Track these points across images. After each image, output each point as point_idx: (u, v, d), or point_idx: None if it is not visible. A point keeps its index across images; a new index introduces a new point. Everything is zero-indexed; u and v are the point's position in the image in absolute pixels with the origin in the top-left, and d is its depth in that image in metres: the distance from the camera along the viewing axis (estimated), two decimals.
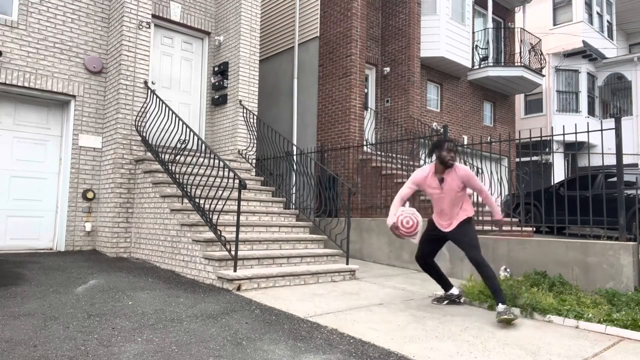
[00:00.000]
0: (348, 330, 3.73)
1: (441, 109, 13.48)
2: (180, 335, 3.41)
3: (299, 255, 6.16)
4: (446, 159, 4.42)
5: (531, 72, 14.56)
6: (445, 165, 4.45)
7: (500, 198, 7.53)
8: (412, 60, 11.65)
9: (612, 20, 19.89)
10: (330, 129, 10.52)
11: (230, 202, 5.97)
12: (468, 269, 6.65)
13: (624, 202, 5.69)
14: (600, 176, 9.72)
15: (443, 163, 4.45)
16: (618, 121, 5.79)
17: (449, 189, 4.49)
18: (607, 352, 3.53)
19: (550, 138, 14.92)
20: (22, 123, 7.35)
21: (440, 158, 4.45)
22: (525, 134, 11.68)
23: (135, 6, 7.49)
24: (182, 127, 6.72)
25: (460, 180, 4.47)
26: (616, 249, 5.44)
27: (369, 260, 7.98)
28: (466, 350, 3.39)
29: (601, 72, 19.13)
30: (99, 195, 7.60)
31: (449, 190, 4.49)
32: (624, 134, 5.99)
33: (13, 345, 3.07)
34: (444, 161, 4.43)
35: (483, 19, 14.77)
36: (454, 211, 4.56)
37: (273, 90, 11.75)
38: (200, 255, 5.57)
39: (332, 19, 10.75)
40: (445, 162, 4.43)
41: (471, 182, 4.51)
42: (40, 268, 5.72)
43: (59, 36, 7.46)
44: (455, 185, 4.47)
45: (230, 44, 8.82)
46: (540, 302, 4.60)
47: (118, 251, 7.04)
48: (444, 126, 7.97)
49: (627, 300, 4.65)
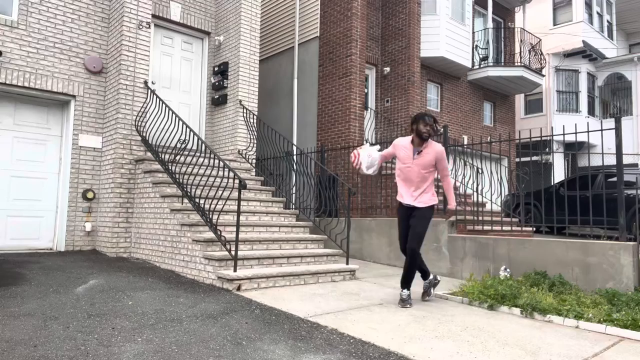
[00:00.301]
0: (348, 330, 3.73)
1: (441, 109, 13.48)
2: (180, 335, 3.41)
3: (299, 255, 6.16)
4: (422, 131, 4.66)
5: (531, 72, 14.57)
6: (421, 137, 4.69)
7: (500, 198, 7.53)
8: (412, 60, 11.65)
9: (612, 20, 19.89)
10: (330, 129, 10.52)
11: (230, 202, 5.96)
12: (468, 269, 6.66)
13: (624, 202, 5.69)
14: (600, 176, 9.73)
15: (419, 135, 4.69)
16: (618, 121, 5.79)
17: (421, 162, 4.73)
18: (607, 352, 3.53)
19: (550, 138, 14.92)
20: (22, 123, 7.35)
21: (417, 130, 4.69)
22: (525, 134, 11.68)
23: (135, 6, 7.49)
24: (182, 127, 6.72)
25: (435, 156, 4.72)
26: (616, 249, 5.44)
27: (369, 260, 7.98)
28: (466, 350, 3.39)
29: (601, 72, 19.13)
30: (99, 195, 7.60)
31: (420, 164, 4.73)
32: (624, 134, 5.99)
33: (13, 345, 3.07)
34: (420, 133, 4.68)
35: (483, 19, 14.77)
36: (421, 186, 4.78)
37: (273, 90, 11.76)
38: (200, 255, 5.57)
39: (332, 19, 10.75)
40: (421, 134, 4.67)
41: (442, 162, 4.79)
42: (41, 268, 5.72)
43: (59, 36, 7.46)
44: (429, 161, 4.72)
45: (230, 44, 8.82)
46: (540, 302, 4.60)
47: (118, 251, 7.04)
48: (444, 126, 7.97)
49: (627, 300, 4.65)
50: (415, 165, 4.74)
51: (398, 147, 4.90)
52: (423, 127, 4.65)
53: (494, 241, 6.56)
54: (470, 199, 8.51)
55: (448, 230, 7.09)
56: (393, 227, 7.80)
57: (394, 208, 8.41)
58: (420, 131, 4.67)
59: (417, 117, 4.76)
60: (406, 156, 4.78)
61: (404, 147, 4.82)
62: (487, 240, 6.64)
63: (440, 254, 7.10)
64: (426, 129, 4.65)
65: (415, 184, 4.77)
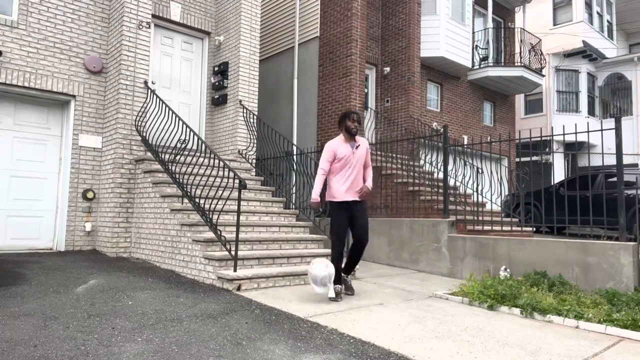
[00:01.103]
0: (348, 330, 3.73)
1: (441, 109, 13.48)
2: (180, 335, 3.41)
3: (299, 255, 6.16)
4: (350, 127, 4.96)
5: (531, 72, 14.56)
6: (350, 133, 4.98)
7: (500, 198, 7.53)
8: (412, 60, 11.65)
9: (612, 20, 19.89)
10: (330, 129, 10.52)
11: (230, 202, 5.96)
12: (468, 269, 6.66)
13: (624, 202, 5.69)
14: (600, 176, 9.72)
15: (348, 132, 4.98)
16: (618, 121, 5.79)
17: (360, 156, 5.03)
18: (607, 352, 3.53)
19: (550, 138, 14.91)
20: (22, 123, 7.35)
21: (346, 127, 4.98)
22: (525, 134, 11.67)
23: (135, 6, 7.49)
24: (182, 127, 6.72)
25: (366, 149, 5.09)
26: (616, 249, 5.44)
27: (369, 260, 7.98)
28: (466, 350, 3.39)
29: (601, 72, 19.12)
30: (99, 195, 7.60)
31: (359, 157, 5.02)
32: (624, 134, 5.99)
33: (13, 345, 3.07)
34: (349, 130, 4.97)
35: (483, 19, 14.77)
36: (360, 182, 5.04)
37: (273, 90, 11.75)
38: (200, 255, 5.57)
39: (332, 19, 10.75)
40: (349, 130, 4.97)
41: (368, 155, 5.14)
42: (41, 268, 5.72)
43: (59, 36, 7.46)
44: (363, 154, 5.05)
45: (230, 44, 8.82)
46: (540, 302, 4.60)
47: (118, 251, 7.04)
48: (444, 126, 7.97)
49: (627, 300, 4.65)
50: (355, 159, 4.98)
51: (336, 147, 4.99)
52: (351, 123, 4.95)
53: (494, 241, 6.56)
54: (470, 199, 8.51)
55: (448, 230, 7.09)
56: (393, 227, 7.81)
57: (394, 208, 8.44)
58: (349, 127, 4.96)
59: (343, 116, 5.03)
60: (347, 152, 4.96)
61: (340, 146, 4.99)
62: (487, 240, 6.64)
63: (440, 254, 7.10)
64: (354, 125, 4.96)
65: (356, 178, 4.99)
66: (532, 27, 16.66)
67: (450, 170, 7.69)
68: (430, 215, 7.81)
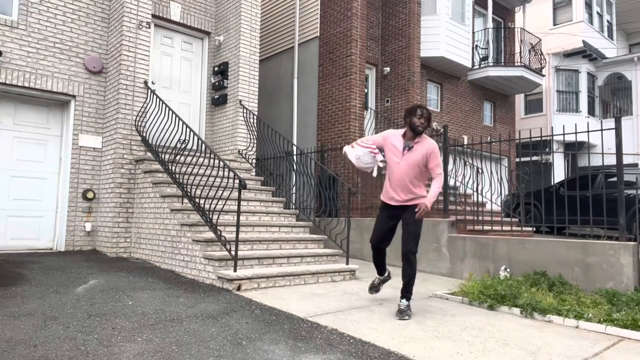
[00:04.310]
0: (348, 330, 3.74)
1: (441, 108, 13.48)
2: (180, 335, 3.41)
3: (299, 255, 6.16)
4: (416, 124, 4.28)
5: (531, 72, 14.56)
6: (414, 131, 4.31)
7: (500, 198, 7.53)
8: (412, 60, 11.65)
9: (612, 20, 19.88)
10: (330, 129, 10.52)
11: (230, 202, 5.96)
12: (468, 269, 6.66)
13: (624, 202, 5.69)
14: (600, 176, 9.72)
15: (413, 129, 4.31)
16: (618, 121, 5.79)
17: (411, 159, 4.31)
18: (607, 352, 3.53)
19: (550, 138, 14.93)
20: (22, 123, 7.35)
21: (411, 124, 4.31)
22: (525, 133, 11.66)
23: (135, 6, 7.49)
24: (182, 127, 6.72)
25: (425, 153, 4.30)
26: (616, 249, 5.44)
27: (369, 260, 7.93)
28: (466, 350, 3.39)
29: (601, 72, 19.12)
30: (99, 195, 7.60)
31: (409, 161, 4.32)
32: (624, 134, 5.99)
33: (13, 345, 3.07)
34: (413, 127, 4.30)
35: (483, 18, 14.76)
36: (409, 187, 4.35)
37: (273, 90, 11.75)
38: (200, 255, 5.57)
39: (332, 19, 10.75)
40: (414, 127, 4.29)
41: (434, 159, 4.32)
42: (41, 268, 5.72)
43: (59, 36, 7.46)
44: (419, 158, 4.31)
45: (230, 44, 8.81)
46: (540, 302, 4.60)
47: (118, 251, 7.04)
48: (444, 126, 7.97)
49: (627, 300, 4.65)
50: (404, 161, 4.33)
51: (388, 139, 4.47)
52: (417, 119, 4.27)
53: (494, 241, 6.56)
54: (470, 199, 8.50)
55: (448, 230, 7.09)
56: None
57: None
58: (414, 124, 4.28)
59: (410, 110, 4.38)
60: (395, 151, 4.38)
61: (395, 140, 4.42)
62: (487, 240, 6.64)
63: (440, 254, 7.10)
64: (420, 122, 4.27)
65: (404, 182, 4.34)
66: (532, 27, 16.66)
67: (450, 170, 7.69)
68: (430, 215, 7.79)
